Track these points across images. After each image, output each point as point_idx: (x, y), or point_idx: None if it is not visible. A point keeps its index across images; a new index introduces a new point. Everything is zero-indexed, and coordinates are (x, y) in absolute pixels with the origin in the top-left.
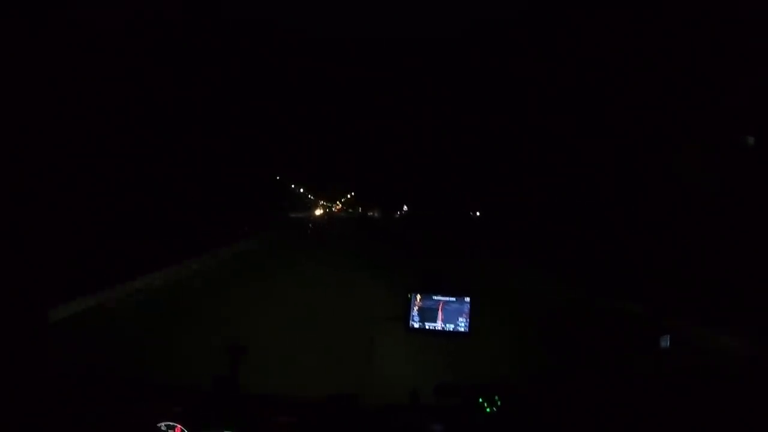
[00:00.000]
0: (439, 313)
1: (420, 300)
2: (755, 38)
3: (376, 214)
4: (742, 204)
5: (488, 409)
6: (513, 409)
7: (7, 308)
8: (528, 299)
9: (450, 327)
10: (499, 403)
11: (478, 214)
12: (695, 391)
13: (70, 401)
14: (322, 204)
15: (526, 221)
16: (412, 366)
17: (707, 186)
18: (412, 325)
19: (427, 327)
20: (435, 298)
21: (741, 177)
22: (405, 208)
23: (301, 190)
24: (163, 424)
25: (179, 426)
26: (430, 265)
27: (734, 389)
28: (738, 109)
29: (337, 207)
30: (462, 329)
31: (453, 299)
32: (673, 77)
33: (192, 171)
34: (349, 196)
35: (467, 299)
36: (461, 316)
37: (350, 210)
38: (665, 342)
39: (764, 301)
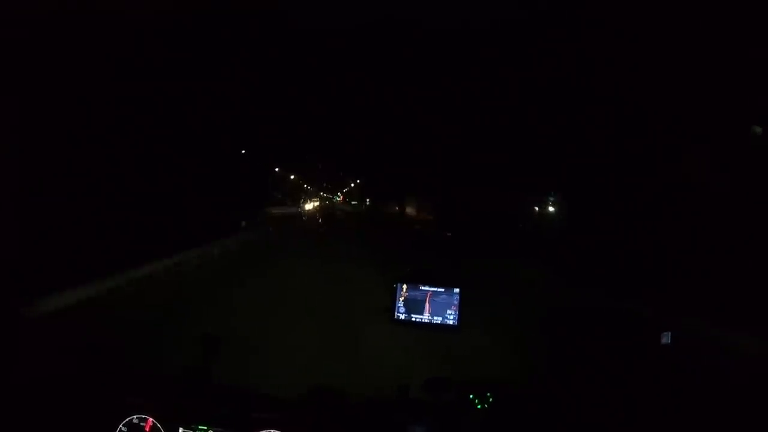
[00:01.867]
0: (426, 304)
1: (406, 290)
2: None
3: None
4: (746, 202)
5: (479, 406)
6: (505, 407)
7: None
8: (524, 295)
9: (438, 320)
10: (491, 399)
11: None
12: (694, 390)
13: (41, 394)
14: (322, 195)
15: (528, 220)
16: (402, 360)
17: (710, 184)
18: (398, 317)
19: (413, 319)
20: (422, 288)
21: (745, 176)
22: None
23: (292, 177)
24: (135, 417)
25: (150, 419)
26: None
27: (738, 388)
28: (738, 110)
29: (341, 198)
30: (451, 322)
31: (441, 290)
32: (674, 78)
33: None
34: (353, 184)
35: (456, 290)
36: (450, 309)
37: (354, 203)
38: (666, 338)
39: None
